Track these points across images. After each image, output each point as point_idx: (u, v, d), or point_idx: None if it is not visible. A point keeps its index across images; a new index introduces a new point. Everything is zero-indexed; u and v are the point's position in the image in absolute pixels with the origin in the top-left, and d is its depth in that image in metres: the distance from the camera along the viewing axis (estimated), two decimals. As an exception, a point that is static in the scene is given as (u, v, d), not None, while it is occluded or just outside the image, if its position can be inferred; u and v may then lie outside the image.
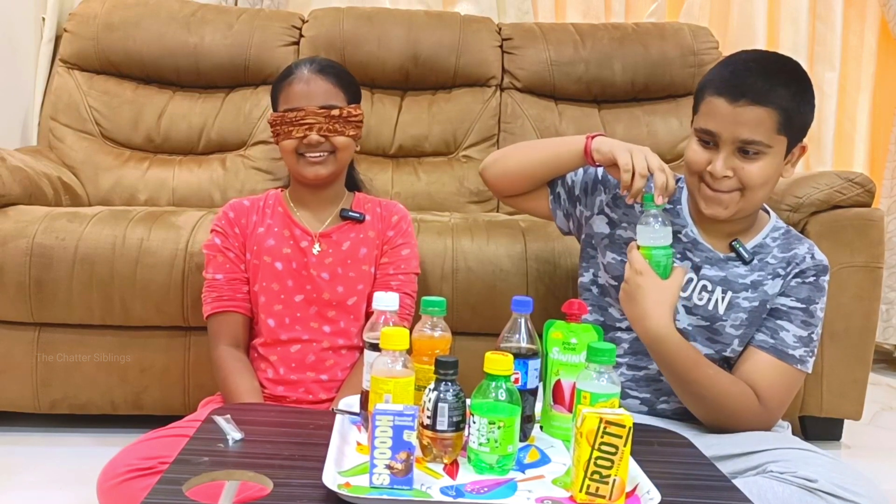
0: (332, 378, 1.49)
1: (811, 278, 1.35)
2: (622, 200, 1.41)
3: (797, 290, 1.35)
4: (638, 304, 1.27)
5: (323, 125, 1.48)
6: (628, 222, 1.42)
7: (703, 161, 1.30)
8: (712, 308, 1.35)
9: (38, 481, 1.66)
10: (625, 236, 1.42)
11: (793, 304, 1.34)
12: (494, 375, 0.96)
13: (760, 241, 1.38)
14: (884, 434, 2.22)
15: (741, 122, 1.25)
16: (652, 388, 1.39)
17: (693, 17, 2.97)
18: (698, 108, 1.33)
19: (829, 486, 1.10)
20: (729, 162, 1.27)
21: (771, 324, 1.34)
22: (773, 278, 1.35)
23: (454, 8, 2.87)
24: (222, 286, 1.50)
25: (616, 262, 1.42)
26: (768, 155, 1.27)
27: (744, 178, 1.28)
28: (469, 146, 2.57)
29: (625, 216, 1.43)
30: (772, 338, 1.33)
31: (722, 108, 1.26)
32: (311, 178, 1.51)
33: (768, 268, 1.36)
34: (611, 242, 1.44)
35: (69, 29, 2.53)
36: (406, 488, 0.88)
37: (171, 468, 0.91)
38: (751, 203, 1.31)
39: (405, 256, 1.56)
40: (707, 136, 1.29)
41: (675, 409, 1.38)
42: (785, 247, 1.37)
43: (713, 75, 1.32)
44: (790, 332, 1.33)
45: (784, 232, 1.40)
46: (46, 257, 1.78)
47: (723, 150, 1.27)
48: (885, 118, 3.00)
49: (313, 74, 1.51)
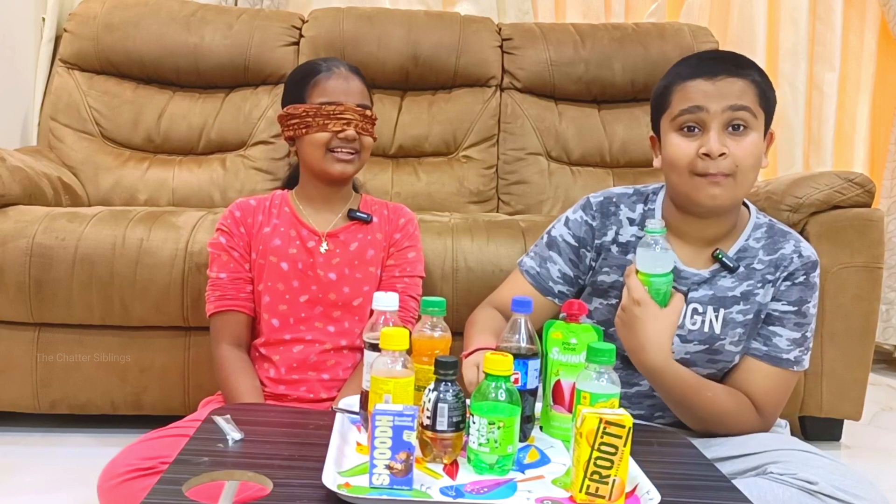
0: (333, 377, 1.49)
1: (801, 279, 1.30)
2: (603, 246, 1.37)
3: (788, 294, 1.30)
4: (636, 335, 1.20)
5: (359, 122, 1.49)
6: (608, 266, 1.36)
7: (693, 149, 1.23)
8: (708, 330, 1.31)
9: (38, 481, 1.66)
10: (608, 281, 1.36)
11: (784, 308, 1.30)
12: (494, 376, 0.96)
13: (743, 244, 1.31)
14: (884, 434, 2.21)
15: (726, 93, 1.22)
16: (646, 404, 1.36)
17: (693, 17, 2.97)
18: (669, 102, 1.27)
19: (830, 489, 1.10)
20: (721, 138, 1.22)
21: (764, 331, 1.31)
22: (762, 286, 1.30)
23: (454, 8, 2.87)
24: (226, 285, 1.50)
25: (602, 308, 1.38)
26: (754, 130, 1.23)
27: (739, 155, 1.21)
28: (469, 146, 2.57)
29: (604, 261, 1.37)
30: (765, 345, 1.30)
31: (702, 86, 1.23)
32: (336, 175, 1.51)
33: (756, 275, 1.30)
34: (594, 290, 1.39)
35: (69, 29, 2.53)
36: (406, 488, 0.88)
37: (170, 468, 0.91)
38: (743, 187, 1.25)
39: (411, 259, 1.57)
40: (692, 119, 1.23)
41: (673, 423, 1.35)
42: (770, 247, 1.32)
43: (674, 71, 1.28)
44: (783, 336, 1.30)
45: (767, 228, 1.34)
46: (46, 257, 1.78)
47: (713, 127, 1.22)
48: (885, 118, 3.00)
49: (350, 73, 1.53)
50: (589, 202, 1.40)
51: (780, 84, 2.92)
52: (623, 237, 1.36)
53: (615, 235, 1.36)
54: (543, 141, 2.59)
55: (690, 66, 1.26)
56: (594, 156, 2.61)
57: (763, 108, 1.25)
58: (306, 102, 1.50)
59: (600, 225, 1.37)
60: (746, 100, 1.22)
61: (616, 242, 1.36)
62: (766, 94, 1.26)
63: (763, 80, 1.26)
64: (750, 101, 1.22)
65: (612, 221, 1.37)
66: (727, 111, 1.21)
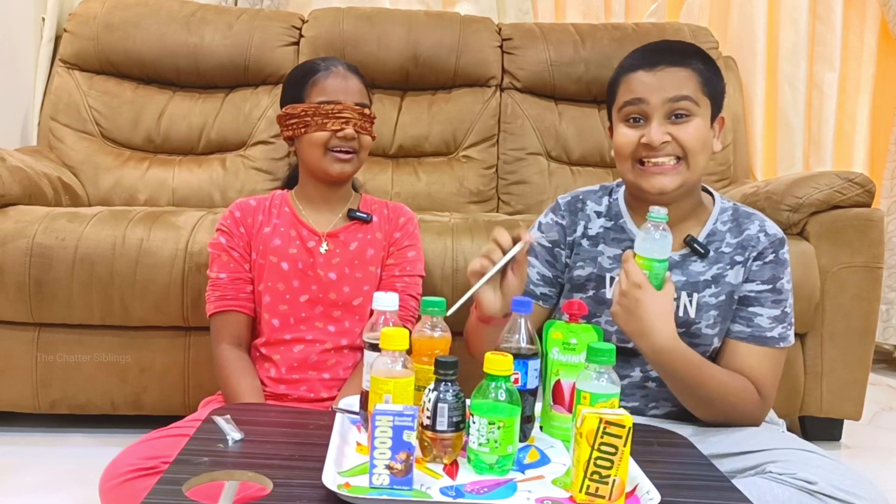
0: (334, 377, 1.49)
1: (770, 257, 1.32)
2: (574, 242, 1.40)
3: (760, 274, 1.32)
4: (640, 318, 1.19)
5: (357, 121, 1.49)
6: (582, 260, 1.39)
7: (635, 138, 1.27)
8: (683, 314, 1.32)
9: (38, 481, 1.66)
10: (584, 275, 1.38)
11: (759, 287, 1.32)
12: (494, 376, 0.96)
13: (711, 229, 1.34)
14: (884, 434, 2.21)
15: (666, 84, 1.25)
16: (639, 395, 1.36)
17: (693, 17, 2.97)
18: (616, 93, 1.32)
19: (829, 489, 1.10)
20: (663, 127, 1.25)
21: (744, 313, 1.32)
22: (731, 267, 1.33)
23: (454, 8, 2.87)
24: (226, 285, 1.50)
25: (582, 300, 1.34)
26: (698, 116, 1.26)
27: (682, 140, 1.25)
28: (469, 146, 2.57)
29: (577, 255, 1.40)
30: (748, 326, 1.32)
31: (643, 77, 1.27)
32: (335, 175, 1.51)
33: (724, 258, 1.33)
34: (571, 286, 1.40)
35: (69, 29, 2.53)
36: (406, 489, 0.88)
37: (170, 468, 0.91)
38: (694, 170, 1.28)
39: (411, 259, 1.57)
40: (634, 111, 1.27)
41: (668, 413, 1.36)
42: (736, 230, 1.34)
43: (623, 64, 1.33)
44: (763, 315, 1.31)
45: (732, 212, 1.37)
46: (46, 257, 1.78)
47: (654, 118, 1.26)
48: (885, 118, 2.99)
49: (349, 72, 1.53)
50: (558, 203, 1.44)
51: (780, 84, 2.93)
52: (592, 230, 1.39)
53: (584, 230, 1.40)
54: (543, 141, 2.59)
55: (635, 58, 1.31)
56: (594, 156, 2.61)
57: (708, 94, 1.28)
58: (305, 102, 1.50)
59: (570, 223, 1.41)
60: (687, 89, 1.25)
61: (586, 236, 1.39)
62: (711, 80, 1.29)
63: (707, 68, 1.29)
64: (691, 91, 1.26)
65: (581, 217, 1.41)
66: (667, 103, 1.25)
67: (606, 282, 1.36)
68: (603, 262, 1.37)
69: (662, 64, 1.26)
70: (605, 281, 1.36)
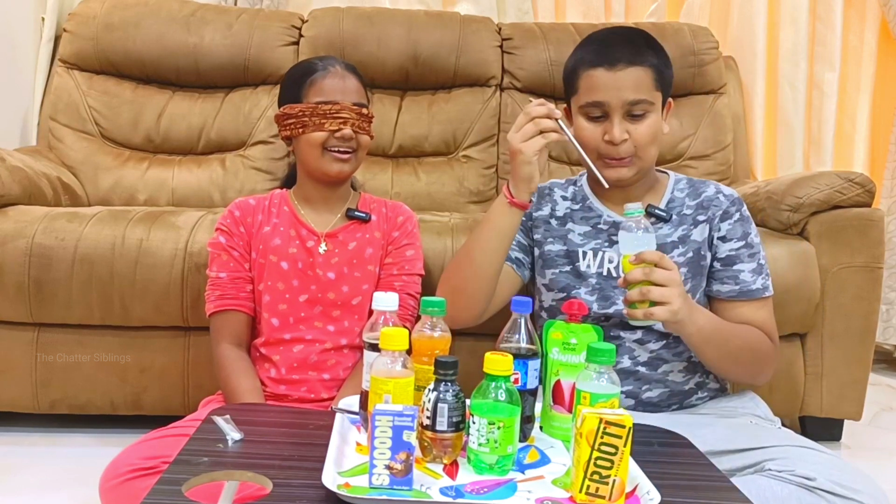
0: (334, 377, 1.49)
1: (736, 216, 1.42)
2: (539, 219, 1.49)
3: (733, 232, 1.41)
4: (690, 302, 1.26)
5: (355, 121, 1.49)
6: (552, 237, 1.48)
7: (599, 134, 1.36)
8: None
9: (38, 481, 1.66)
10: (554, 250, 1.46)
11: (735, 245, 1.41)
12: (494, 376, 0.96)
13: (670, 197, 1.45)
14: (884, 434, 2.21)
15: (624, 86, 1.34)
16: (632, 379, 1.40)
17: (693, 17, 2.97)
18: (577, 87, 1.39)
19: (828, 485, 1.11)
20: (623, 125, 1.35)
21: (728, 273, 1.41)
22: (695, 226, 1.42)
23: (454, 8, 2.87)
24: (226, 285, 1.50)
25: (557, 276, 1.45)
26: (652, 112, 1.37)
27: (637, 138, 1.35)
28: (469, 146, 2.57)
29: (547, 232, 1.48)
30: (735, 284, 1.40)
31: (603, 77, 1.35)
32: (334, 175, 1.51)
33: (687, 219, 1.43)
34: (545, 262, 1.47)
35: (69, 29, 2.53)
36: (405, 489, 0.88)
37: (170, 468, 0.91)
38: (646, 161, 1.39)
39: (409, 258, 1.56)
40: (596, 110, 1.36)
41: (661, 395, 1.40)
42: (693, 193, 1.46)
43: (580, 55, 1.40)
44: (745, 270, 1.40)
45: (687, 181, 1.48)
46: (46, 257, 1.78)
47: (614, 117, 1.35)
48: (885, 118, 2.99)
49: (346, 72, 1.53)
50: None
51: (780, 84, 2.92)
52: (559, 212, 1.50)
53: (552, 210, 1.50)
54: (543, 141, 2.59)
55: (593, 52, 1.38)
56: (594, 156, 2.61)
57: (660, 88, 1.38)
58: (302, 102, 1.50)
59: (536, 204, 1.51)
60: (643, 91, 1.35)
61: (554, 217, 1.49)
62: (663, 73, 1.39)
63: (660, 61, 1.38)
64: (646, 92, 1.35)
65: (547, 200, 1.51)
66: (626, 105, 1.35)
67: (579, 255, 1.44)
68: (574, 238, 1.46)
69: (621, 63, 1.34)
70: (579, 255, 1.45)
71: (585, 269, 1.43)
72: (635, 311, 1.21)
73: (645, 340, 1.40)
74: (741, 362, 1.36)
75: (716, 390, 1.46)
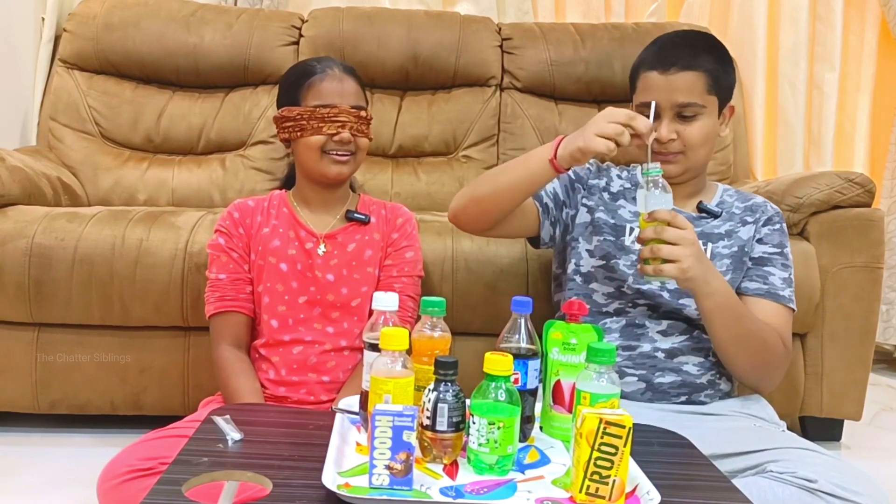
0: (333, 379, 1.49)
1: (777, 225, 1.50)
2: (595, 187, 1.53)
3: (771, 238, 1.48)
4: (705, 263, 1.30)
5: (353, 124, 1.49)
6: (605, 208, 1.51)
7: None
8: None
9: (38, 481, 1.66)
10: (604, 218, 1.50)
11: (771, 250, 1.47)
12: (494, 376, 0.96)
13: (720, 199, 1.53)
14: (884, 434, 2.22)
15: (675, 88, 1.40)
16: (647, 364, 1.42)
17: (693, 16, 2.97)
18: (636, 87, 1.47)
19: (829, 487, 1.10)
20: (671, 126, 1.41)
21: (759, 272, 1.45)
22: (742, 225, 1.48)
23: (454, 8, 2.87)
24: (225, 286, 1.50)
25: (602, 243, 1.49)
26: (704, 115, 1.41)
27: (686, 138, 1.41)
28: (469, 146, 2.57)
29: (600, 200, 1.52)
30: (764, 283, 1.44)
31: (656, 79, 1.42)
32: (332, 177, 1.51)
33: (735, 217, 1.49)
34: (594, 229, 1.51)
35: (69, 29, 2.53)
36: (405, 489, 0.88)
37: (170, 469, 0.91)
38: (695, 161, 1.44)
39: (409, 259, 1.56)
40: (648, 110, 1.39)
41: (672, 383, 1.41)
42: (742, 199, 1.53)
43: (643, 56, 1.47)
44: (776, 275, 1.45)
45: (735, 190, 1.56)
46: (46, 257, 1.78)
47: (664, 117, 1.41)
48: (885, 118, 2.99)
49: (344, 74, 1.52)
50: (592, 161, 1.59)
51: (780, 84, 2.92)
52: (613, 188, 1.54)
53: (607, 184, 1.55)
54: (543, 141, 2.58)
55: (653, 55, 1.45)
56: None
57: (715, 93, 1.43)
58: (301, 105, 1.50)
59: (595, 173, 1.57)
60: (693, 95, 1.40)
61: (608, 191, 1.54)
62: (719, 79, 1.43)
63: (717, 66, 1.42)
64: (697, 96, 1.40)
65: (605, 174, 1.57)
66: (675, 107, 1.40)
67: (626, 230, 1.48)
68: (624, 214, 1.50)
69: (675, 67, 1.40)
70: (626, 230, 1.48)
71: (630, 243, 1.47)
72: (646, 266, 1.26)
73: (669, 332, 1.43)
74: (751, 349, 1.37)
75: (725, 392, 1.46)
